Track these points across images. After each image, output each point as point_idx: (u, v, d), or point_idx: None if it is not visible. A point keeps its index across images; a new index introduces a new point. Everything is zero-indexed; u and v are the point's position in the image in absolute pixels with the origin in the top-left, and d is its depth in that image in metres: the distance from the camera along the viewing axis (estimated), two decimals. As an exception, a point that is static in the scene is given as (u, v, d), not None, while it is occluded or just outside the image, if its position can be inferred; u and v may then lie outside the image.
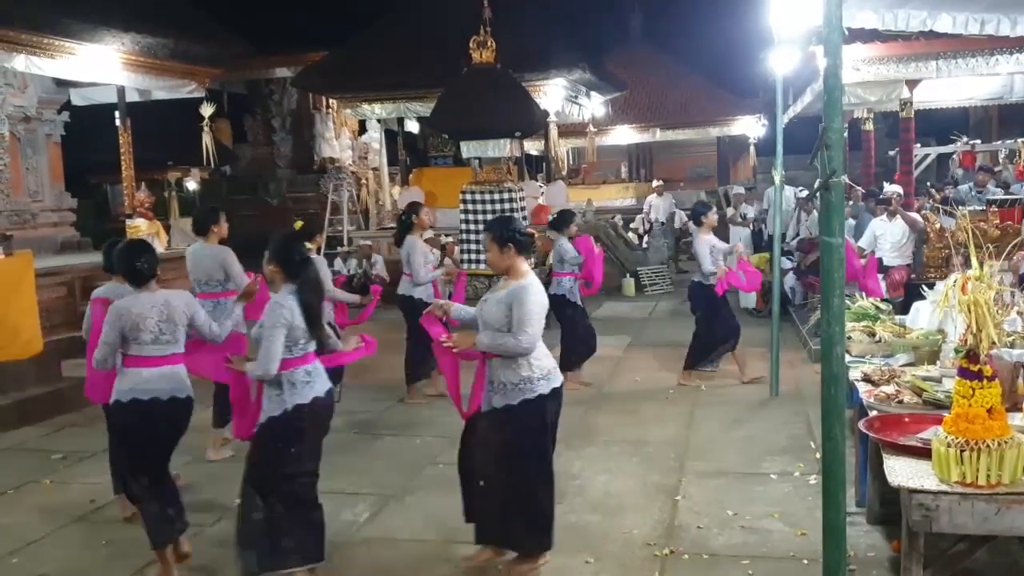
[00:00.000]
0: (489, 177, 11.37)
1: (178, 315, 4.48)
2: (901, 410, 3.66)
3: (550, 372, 4.26)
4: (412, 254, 7.67)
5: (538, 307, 4.16)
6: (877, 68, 9.24)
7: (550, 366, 4.27)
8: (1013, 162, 14.14)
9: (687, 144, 26.60)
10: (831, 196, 2.43)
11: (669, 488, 5.43)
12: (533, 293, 4.17)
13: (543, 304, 4.21)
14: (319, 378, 4.19)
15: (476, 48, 11.16)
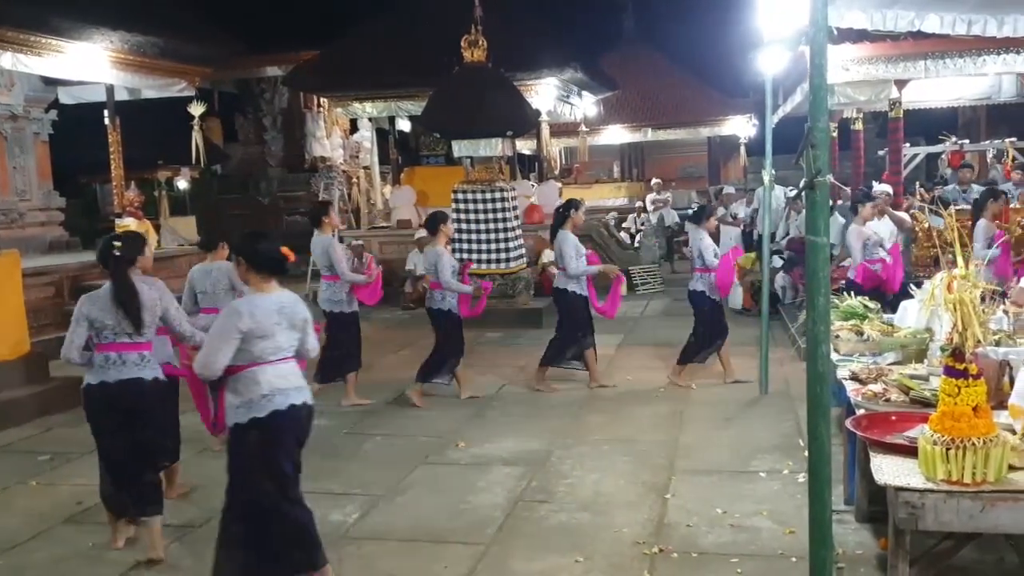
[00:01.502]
0: (481, 176, 11.38)
1: None
2: (888, 408, 3.67)
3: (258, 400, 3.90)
4: (564, 247, 7.78)
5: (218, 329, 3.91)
6: (866, 68, 9.29)
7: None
8: (1001, 162, 14.20)
9: (678, 144, 26.70)
10: (816, 195, 2.44)
11: (659, 487, 5.44)
12: (223, 315, 3.96)
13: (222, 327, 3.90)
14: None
15: (468, 47, 11.18)
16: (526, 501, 5.31)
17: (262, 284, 4.00)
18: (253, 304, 3.92)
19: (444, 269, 7.62)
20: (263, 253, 3.99)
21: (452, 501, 5.37)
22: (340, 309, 7.71)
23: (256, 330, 3.86)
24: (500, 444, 6.47)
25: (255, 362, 3.89)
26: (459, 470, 5.98)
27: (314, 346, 4.25)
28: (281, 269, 4.02)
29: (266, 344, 3.90)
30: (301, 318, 4.06)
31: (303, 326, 4.09)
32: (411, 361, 8.99)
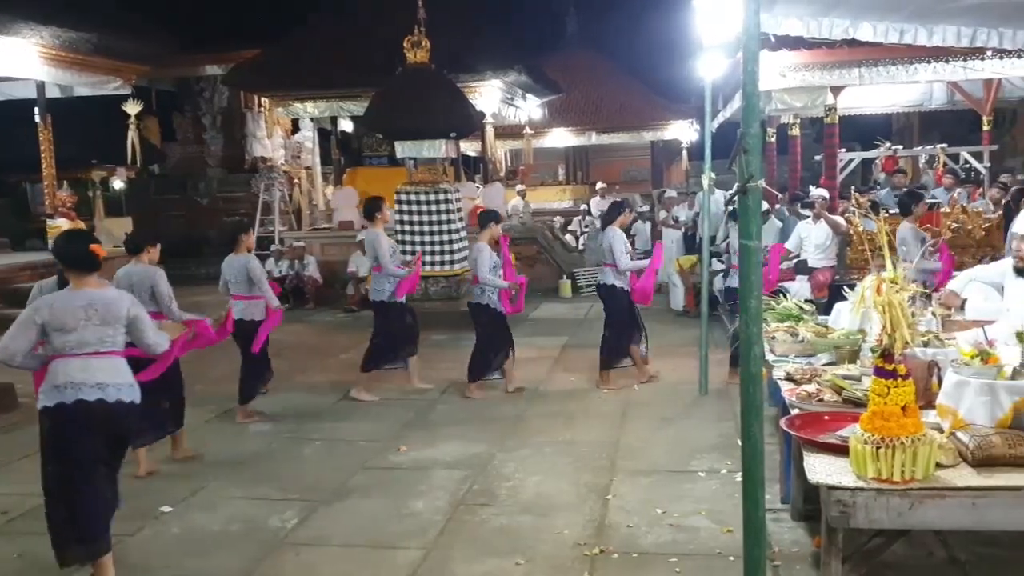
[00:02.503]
0: (424, 178, 11.33)
1: None
2: (821, 408, 3.73)
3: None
4: (613, 244, 7.84)
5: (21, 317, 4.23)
6: (803, 75, 9.46)
7: None
8: (932, 167, 14.61)
9: (622, 147, 26.90)
10: (748, 200, 2.48)
11: (600, 488, 5.47)
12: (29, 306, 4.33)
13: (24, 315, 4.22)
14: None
15: (411, 48, 11.12)
16: (468, 504, 5.29)
17: (75, 280, 4.27)
18: (57, 299, 4.24)
19: (483, 264, 7.67)
20: (72, 251, 4.33)
21: (393, 505, 5.33)
22: (381, 299, 7.88)
23: (53, 323, 4.14)
24: (442, 448, 6.44)
25: (57, 354, 4.18)
26: (400, 474, 5.93)
27: (154, 342, 4.51)
28: (89, 266, 4.29)
29: (67, 338, 4.16)
30: (121, 315, 4.30)
31: (128, 322, 4.34)
32: (353, 365, 8.90)
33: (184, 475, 6.00)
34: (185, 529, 5.10)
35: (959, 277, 5.31)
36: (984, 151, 14.53)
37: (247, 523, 5.15)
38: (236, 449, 6.63)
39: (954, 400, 3.27)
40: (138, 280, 6.02)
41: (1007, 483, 2.91)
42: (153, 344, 4.54)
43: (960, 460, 3.07)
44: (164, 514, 5.31)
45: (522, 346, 9.03)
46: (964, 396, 3.23)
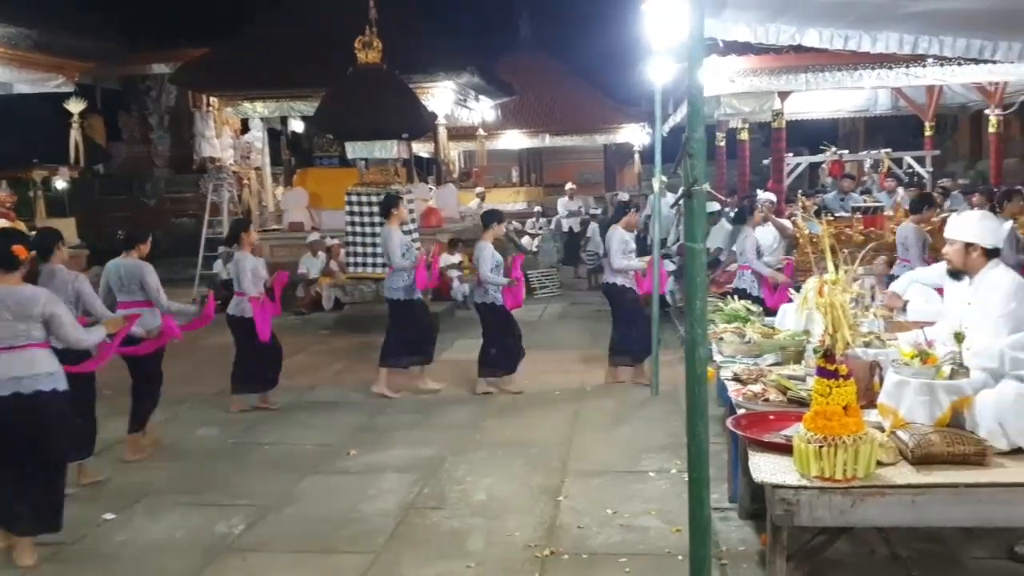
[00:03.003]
0: (376, 179, 11.25)
1: None
2: (767, 408, 3.78)
3: None
4: (611, 243, 8.03)
5: None
6: (751, 80, 9.62)
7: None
8: (877, 171, 14.90)
9: (575, 150, 27.04)
10: (693, 203, 2.50)
11: (552, 489, 5.48)
12: None
13: None
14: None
15: (362, 48, 11.05)
16: (418, 508, 5.26)
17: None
18: None
19: (485, 263, 7.78)
20: None
21: (342, 510, 5.28)
22: (396, 297, 7.94)
23: None
24: (392, 451, 6.40)
25: None
26: (350, 479, 5.88)
27: (75, 338, 4.71)
28: (8, 265, 4.49)
29: None
30: (35, 312, 4.50)
31: (44, 320, 4.54)
32: (303, 368, 8.85)
33: (128, 482, 5.88)
34: (129, 537, 4.99)
35: (901, 279, 5.43)
36: (927, 156, 14.90)
37: (193, 529, 5.06)
38: (183, 455, 6.52)
39: (895, 399, 3.34)
40: (127, 273, 6.38)
41: (945, 480, 2.98)
42: (75, 340, 4.73)
43: (900, 458, 3.14)
44: (107, 522, 5.20)
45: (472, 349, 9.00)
46: (904, 396, 3.30)
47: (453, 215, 14.78)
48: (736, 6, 5.84)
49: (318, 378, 8.75)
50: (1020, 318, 3.97)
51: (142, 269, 6.36)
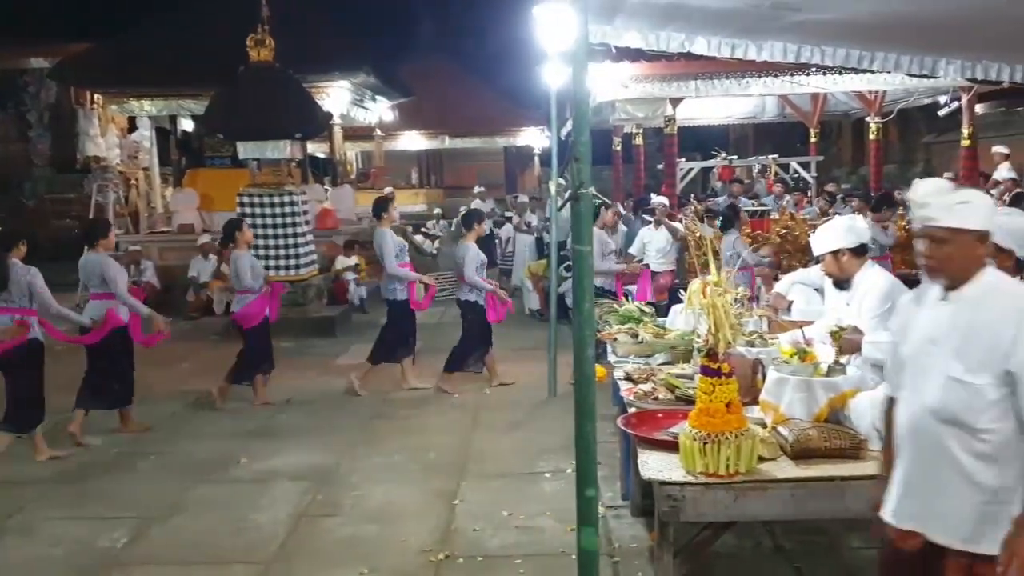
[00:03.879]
0: (268, 179, 10.98)
1: None
2: (656, 406, 3.86)
3: None
4: None
5: None
6: (643, 86, 9.81)
7: None
8: (765, 176, 15.46)
9: (476, 152, 27.09)
10: (580, 206, 2.52)
11: (448, 493, 5.46)
12: None
13: None
14: None
15: (254, 46, 10.79)
16: (311, 516, 5.16)
17: None
18: None
19: (469, 264, 7.85)
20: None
21: (232, 519, 5.13)
22: (393, 297, 8.05)
23: None
24: (286, 458, 6.25)
25: None
26: (241, 487, 5.73)
27: None
28: None
29: None
30: None
31: None
32: (194, 374, 8.57)
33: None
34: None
35: (784, 280, 5.62)
36: (811, 161, 15.52)
37: (72, 545, 4.83)
38: (59, 466, 6.21)
39: (776, 396, 3.45)
40: (91, 266, 6.68)
41: (822, 474, 3.10)
42: None
43: (781, 453, 3.25)
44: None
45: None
46: (784, 392, 3.42)
47: (349, 216, 14.57)
48: (627, 13, 5.94)
49: (208, 384, 8.47)
50: (894, 317, 4.17)
51: (102, 263, 6.56)
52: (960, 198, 2.43)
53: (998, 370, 2.36)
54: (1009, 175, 11.89)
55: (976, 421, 2.39)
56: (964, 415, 2.41)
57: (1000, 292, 2.44)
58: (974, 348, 2.40)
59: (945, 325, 2.47)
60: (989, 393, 2.37)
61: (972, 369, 2.38)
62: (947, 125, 14.86)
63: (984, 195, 2.54)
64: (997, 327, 2.38)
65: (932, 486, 2.49)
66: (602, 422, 5.21)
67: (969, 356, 2.40)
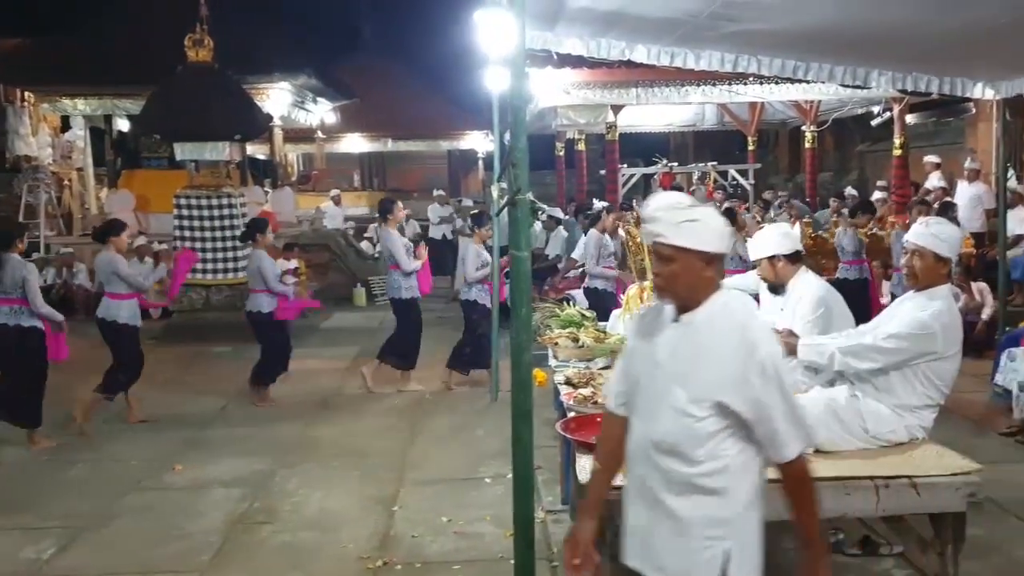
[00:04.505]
0: (206, 181, 10.81)
1: None
2: (595, 410, 3.88)
3: None
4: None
5: None
6: (584, 92, 9.90)
7: None
8: (704, 183, 15.70)
9: (420, 155, 26.97)
10: (517, 212, 2.53)
11: (387, 499, 5.41)
12: None
13: None
14: None
15: (192, 46, 10.62)
16: (246, 523, 5.07)
17: None
18: None
19: (470, 264, 8.00)
20: None
21: (165, 528, 5.02)
22: (399, 296, 8.06)
23: None
24: (221, 465, 6.14)
25: None
26: (175, 495, 5.60)
27: None
28: None
29: None
30: None
31: None
32: (128, 379, 8.30)
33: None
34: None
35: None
36: (749, 169, 15.83)
37: (-6, 557, 4.67)
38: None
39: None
40: (103, 265, 6.98)
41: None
42: None
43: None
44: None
45: (311, 357, 8.83)
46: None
47: (289, 219, 14.41)
48: (568, 20, 5.99)
49: (143, 389, 8.27)
50: (828, 323, 4.27)
51: (113, 261, 6.75)
52: (688, 216, 2.27)
53: (717, 401, 2.22)
54: (939, 184, 12.26)
55: (695, 453, 2.26)
56: (684, 446, 2.26)
57: (728, 319, 2.28)
58: (697, 376, 2.25)
59: (672, 350, 2.32)
60: (709, 424, 2.24)
61: (694, 399, 2.24)
62: (880, 135, 15.27)
63: (716, 216, 2.34)
64: (720, 356, 2.24)
65: (652, 521, 2.34)
66: (544, 426, 5.27)
67: (691, 384, 2.25)
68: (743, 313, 2.34)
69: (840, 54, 6.81)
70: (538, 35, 6.22)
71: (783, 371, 2.27)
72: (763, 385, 2.20)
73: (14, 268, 6.41)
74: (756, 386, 2.20)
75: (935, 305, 3.46)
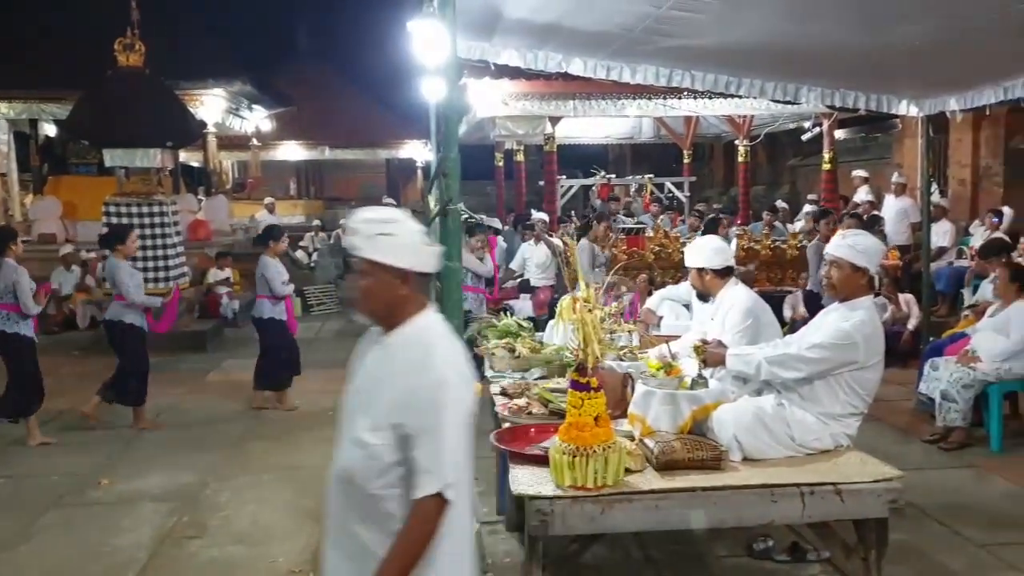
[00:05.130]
0: (137, 188, 10.56)
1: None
2: (529, 421, 3.89)
3: None
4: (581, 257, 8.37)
5: None
6: (523, 104, 9.95)
7: None
8: (641, 195, 15.89)
9: (358, 164, 26.82)
10: (448, 222, 2.52)
11: (319, 513, 5.28)
12: None
13: None
14: None
15: (123, 50, 10.38)
16: (175, 538, 4.95)
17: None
18: None
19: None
20: None
21: (89, 545, 4.87)
22: None
23: None
24: (150, 479, 5.98)
25: None
26: (100, 510, 5.43)
27: None
28: None
29: None
30: None
31: None
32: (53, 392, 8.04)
33: None
34: None
35: (654, 296, 5.78)
36: (685, 181, 16.07)
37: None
38: None
39: (643, 409, 3.53)
40: (109, 271, 7.23)
41: (684, 485, 3.19)
42: None
43: (647, 465, 3.32)
44: None
45: (244, 368, 8.65)
46: (651, 405, 3.51)
47: (223, 227, 14.16)
48: (505, 31, 6.03)
49: (69, 402, 8.03)
50: (755, 333, 4.36)
51: (116, 268, 6.90)
52: (384, 230, 2.16)
53: (392, 423, 2.11)
54: (867, 198, 12.62)
55: (371, 485, 2.13)
56: (360, 478, 2.15)
57: (417, 343, 2.17)
58: (378, 401, 2.15)
59: (366, 373, 2.24)
60: (387, 454, 2.12)
61: (373, 426, 2.13)
62: (811, 149, 15.65)
63: (415, 232, 2.22)
64: (396, 379, 2.14)
65: (340, 560, 2.24)
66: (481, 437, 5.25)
67: (372, 410, 2.15)
68: (435, 336, 2.21)
69: (771, 70, 6.97)
70: (475, 45, 6.24)
71: (444, 405, 2.09)
72: (419, 413, 2.08)
73: (7, 272, 6.58)
74: (413, 412, 2.09)
75: (857, 316, 3.56)
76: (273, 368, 7.94)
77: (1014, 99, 6.62)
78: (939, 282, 10.16)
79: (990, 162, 12.55)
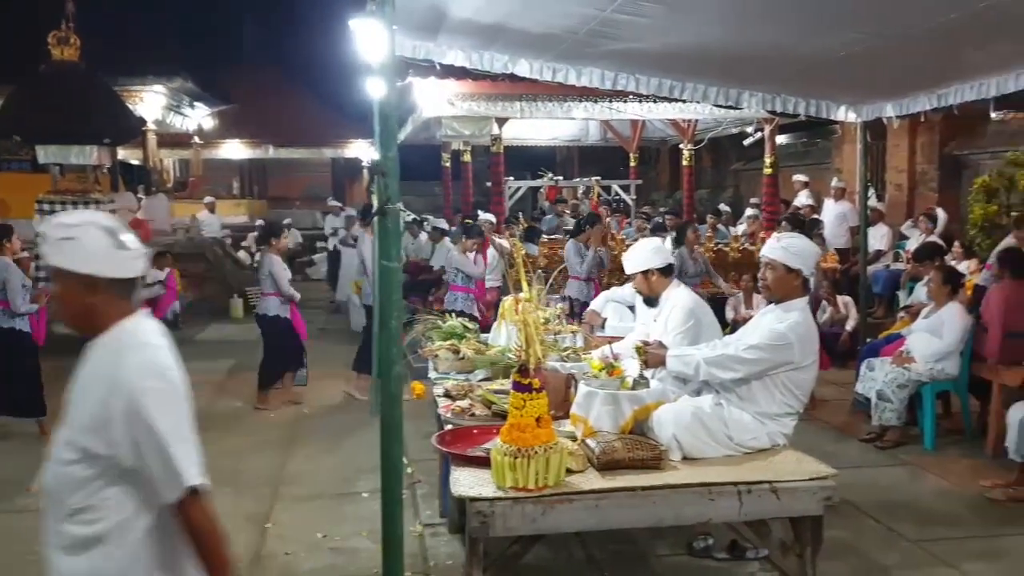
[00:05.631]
0: (72, 186, 10.29)
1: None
2: (472, 423, 3.88)
3: None
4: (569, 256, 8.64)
5: None
6: (469, 104, 9.91)
7: None
8: (588, 197, 15.97)
9: (303, 163, 26.49)
10: (387, 221, 2.50)
11: (259, 517, 5.25)
12: None
13: None
14: None
15: (56, 44, 10.10)
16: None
17: None
18: None
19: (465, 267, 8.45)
20: None
21: (16, 553, 4.71)
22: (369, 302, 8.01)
23: None
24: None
25: None
26: (28, 517, 5.22)
27: None
28: None
29: None
30: None
31: None
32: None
33: None
34: None
35: (599, 298, 5.81)
36: (632, 184, 16.19)
37: None
38: None
39: (585, 409, 3.54)
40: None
41: (624, 484, 3.20)
42: None
43: (589, 465, 3.33)
44: None
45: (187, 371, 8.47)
46: (593, 406, 3.52)
47: (164, 227, 13.87)
48: (450, 31, 6.01)
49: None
50: (696, 334, 4.41)
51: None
52: (67, 234, 2.06)
53: (81, 445, 2.04)
54: (807, 202, 12.86)
55: (70, 501, 2.05)
56: (60, 494, 2.07)
57: (110, 354, 2.08)
58: (74, 416, 2.08)
59: (75, 384, 2.13)
60: (79, 469, 2.04)
61: (68, 440, 2.06)
62: (754, 154, 15.89)
63: (99, 236, 2.09)
64: (88, 394, 2.06)
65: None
66: (425, 440, 5.21)
67: (69, 425, 2.08)
68: (127, 344, 2.10)
69: (713, 75, 7.07)
70: (420, 45, 6.20)
71: (155, 410, 2.02)
72: (128, 427, 2.00)
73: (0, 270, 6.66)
74: (120, 429, 2.00)
75: (791, 317, 3.62)
76: (275, 367, 7.95)
77: (948, 106, 6.80)
78: (876, 284, 10.40)
79: (926, 167, 12.87)
